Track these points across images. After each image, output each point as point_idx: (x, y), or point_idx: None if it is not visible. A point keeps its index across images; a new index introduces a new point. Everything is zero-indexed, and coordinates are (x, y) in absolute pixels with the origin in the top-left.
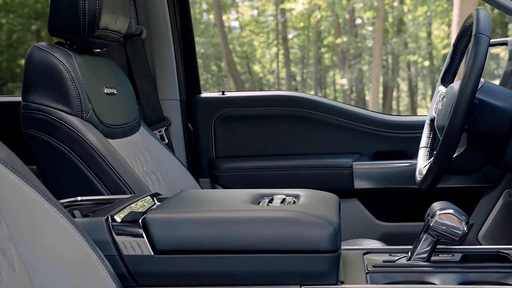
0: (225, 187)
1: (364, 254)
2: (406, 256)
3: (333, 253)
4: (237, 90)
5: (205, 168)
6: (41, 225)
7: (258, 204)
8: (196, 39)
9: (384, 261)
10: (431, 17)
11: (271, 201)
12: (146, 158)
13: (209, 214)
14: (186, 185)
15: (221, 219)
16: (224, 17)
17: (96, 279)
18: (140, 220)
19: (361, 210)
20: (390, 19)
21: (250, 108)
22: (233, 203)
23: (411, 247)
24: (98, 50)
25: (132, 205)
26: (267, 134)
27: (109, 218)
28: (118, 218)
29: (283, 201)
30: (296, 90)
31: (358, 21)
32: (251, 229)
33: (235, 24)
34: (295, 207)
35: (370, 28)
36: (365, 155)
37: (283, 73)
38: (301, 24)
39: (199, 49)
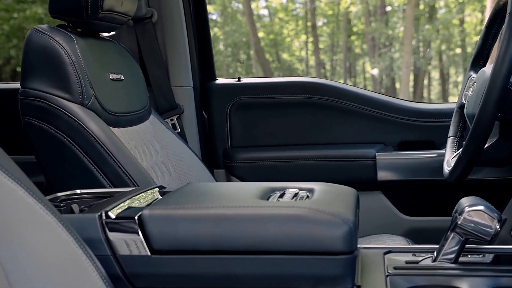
0: (241, 179)
1: (385, 253)
2: (431, 257)
3: (348, 255)
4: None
5: (220, 158)
6: (23, 222)
7: (268, 199)
8: (226, 28)
9: (406, 262)
10: (464, 3)
11: (282, 196)
12: (156, 148)
13: (211, 211)
14: (199, 177)
15: (225, 216)
16: (253, 5)
17: (85, 281)
18: (136, 217)
19: (384, 204)
20: (421, 6)
21: (267, 95)
22: (239, 199)
23: (437, 246)
24: (106, 34)
25: (132, 200)
26: (285, 123)
27: (103, 215)
28: (112, 215)
29: (295, 195)
30: (326, 78)
31: (388, 8)
32: (257, 227)
33: (264, 12)
34: (307, 203)
35: (400, 15)
36: (389, 145)
37: (312, 61)
38: (330, 12)
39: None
